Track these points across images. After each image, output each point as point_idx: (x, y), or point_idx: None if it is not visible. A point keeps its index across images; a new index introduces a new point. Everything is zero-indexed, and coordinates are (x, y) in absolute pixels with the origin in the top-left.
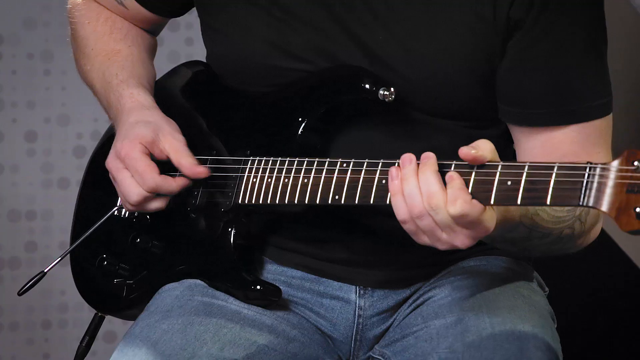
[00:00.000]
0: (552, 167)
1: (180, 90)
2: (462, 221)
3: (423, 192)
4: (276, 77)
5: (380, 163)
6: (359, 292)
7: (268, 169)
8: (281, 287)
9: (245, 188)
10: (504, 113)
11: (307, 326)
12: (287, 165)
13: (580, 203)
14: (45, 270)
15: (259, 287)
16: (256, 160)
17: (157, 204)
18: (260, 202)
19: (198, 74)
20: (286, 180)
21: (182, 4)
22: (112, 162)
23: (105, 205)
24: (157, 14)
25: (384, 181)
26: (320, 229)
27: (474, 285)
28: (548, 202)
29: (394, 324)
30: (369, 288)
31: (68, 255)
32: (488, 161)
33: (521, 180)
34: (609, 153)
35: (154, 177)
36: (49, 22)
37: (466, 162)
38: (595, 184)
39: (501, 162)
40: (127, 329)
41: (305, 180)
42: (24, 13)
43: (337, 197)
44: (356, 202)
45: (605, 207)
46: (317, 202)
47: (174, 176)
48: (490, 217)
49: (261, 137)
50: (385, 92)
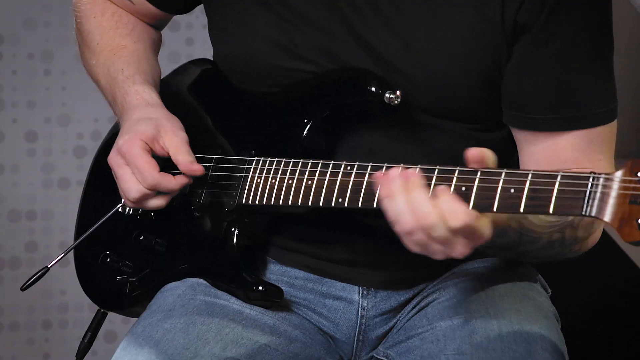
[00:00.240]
0: (555, 176)
1: (188, 88)
2: (464, 232)
3: (414, 212)
4: (281, 77)
5: (384, 167)
6: (362, 293)
7: (272, 170)
8: (284, 288)
9: (250, 188)
10: (508, 117)
11: (309, 327)
12: (292, 167)
13: (583, 213)
14: (48, 266)
15: (260, 287)
16: (261, 161)
17: (157, 202)
18: (264, 202)
19: (205, 72)
20: (290, 181)
21: (189, 1)
22: (113, 158)
23: (110, 203)
24: (163, 10)
25: None
26: (322, 230)
27: (479, 287)
28: (551, 211)
29: (397, 325)
30: (372, 289)
31: (70, 253)
32: (488, 167)
33: (524, 188)
34: (612, 160)
35: (153, 175)
36: (50, 22)
37: (470, 169)
38: (598, 194)
39: (505, 169)
40: (128, 328)
41: (309, 182)
42: (24, 13)
43: (340, 200)
44: (359, 205)
45: (607, 217)
46: (321, 204)
47: (175, 174)
48: (486, 223)
49: (266, 138)
50: (391, 96)
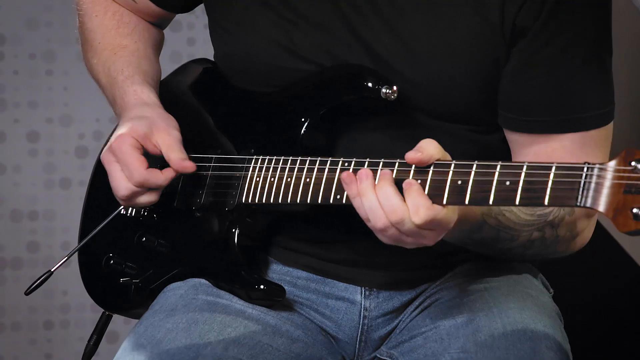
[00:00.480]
0: (550, 167)
1: (188, 88)
2: (427, 226)
3: (384, 208)
4: (281, 77)
5: (382, 162)
6: (364, 293)
7: (271, 168)
8: (286, 288)
9: (249, 187)
10: (503, 118)
11: (311, 327)
12: (290, 165)
13: (578, 204)
14: (52, 270)
15: (262, 286)
16: (259, 159)
17: (147, 198)
18: (264, 201)
19: (206, 71)
20: (289, 179)
21: (190, 0)
22: (105, 155)
23: (113, 205)
24: (165, 8)
25: None
26: (324, 230)
27: (482, 286)
28: (546, 203)
29: (400, 326)
30: (374, 289)
31: (74, 255)
32: (438, 159)
33: (519, 180)
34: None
35: (140, 171)
36: (51, 23)
37: (466, 162)
38: (592, 185)
39: (500, 162)
40: (130, 329)
41: (308, 179)
42: (26, 13)
43: (338, 196)
44: None
45: (602, 207)
46: (319, 201)
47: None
48: (452, 211)
49: (265, 137)
50: (388, 91)
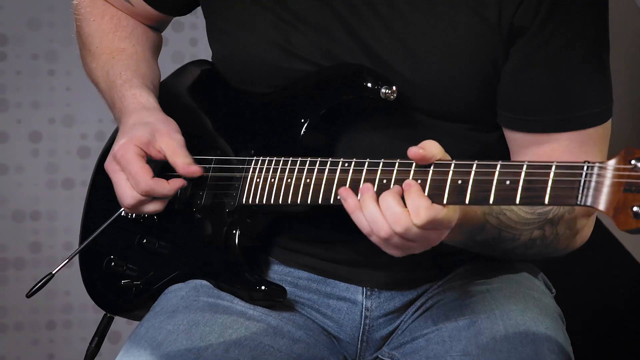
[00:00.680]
0: (550, 166)
1: (187, 90)
2: (429, 227)
3: (387, 218)
4: (280, 78)
5: (381, 162)
6: (366, 293)
7: (271, 169)
8: (288, 288)
9: (249, 188)
10: (502, 118)
11: (313, 327)
12: (290, 165)
13: (578, 202)
14: (53, 272)
15: (263, 287)
16: (259, 160)
17: (153, 207)
18: (264, 202)
19: (204, 73)
20: (289, 180)
21: (187, 3)
22: (109, 164)
23: (113, 207)
24: (163, 12)
25: (384, 181)
26: (324, 230)
27: (484, 288)
28: (546, 202)
29: (402, 326)
30: (376, 289)
31: (75, 257)
32: (438, 160)
33: (520, 179)
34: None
35: (146, 181)
36: (54, 23)
37: (466, 162)
38: (592, 183)
39: (500, 162)
40: (132, 329)
41: (308, 180)
42: (28, 13)
43: (338, 197)
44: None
45: (602, 206)
46: (320, 202)
47: (172, 177)
48: (452, 211)
49: (265, 138)
50: (387, 91)
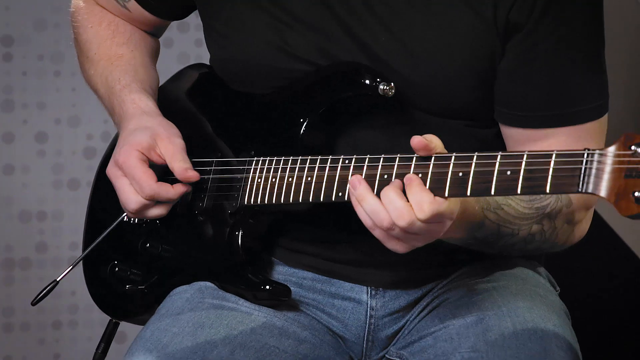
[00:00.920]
0: (550, 155)
1: (185, 93)
2: (433, 220)
3: (391, 213)
4: (279, 79)
5: (382, 158)
6: (371, 293)
7: (272, 169)
8: (292, 288)
9: (251, 189)
10: (499, 114)
11: (318, 327)
12: (291, 164)
13: (579, 190)
14: (57, 280)
15: (267, 287)
16: (260, 161)
17: (157, 211)
18: (266, 202)
19: (202, 76)
20: (290, 179)
21: (184, 7)
22: (111, 170)
23: (116, 211)
24: (160, 16)
25: (385, 176)
26: (328, 230)
27: (490, 285)
28: (548, 190)
29: (408, 326)
30: (380, 289)
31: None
32: (438, 153)
33: (520, 169)
34: None
35: (151, 185)
36: (59, 24)
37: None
38: (593, 170)
39: (500, 152)
40: (138, 329)
41: (309, 178)
42: (34, 14)
43: (340, 194)
44: None
45: (603, 192)
46: (321, 199)
47: (173, 181)
48: (454, 203)
49: (265, 138)
50: (385, 87)
